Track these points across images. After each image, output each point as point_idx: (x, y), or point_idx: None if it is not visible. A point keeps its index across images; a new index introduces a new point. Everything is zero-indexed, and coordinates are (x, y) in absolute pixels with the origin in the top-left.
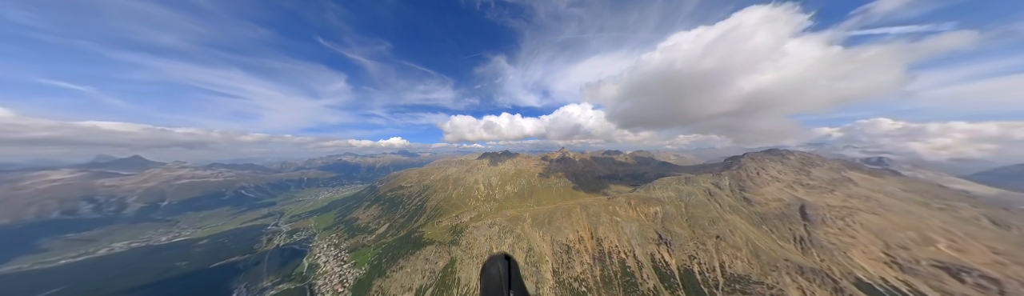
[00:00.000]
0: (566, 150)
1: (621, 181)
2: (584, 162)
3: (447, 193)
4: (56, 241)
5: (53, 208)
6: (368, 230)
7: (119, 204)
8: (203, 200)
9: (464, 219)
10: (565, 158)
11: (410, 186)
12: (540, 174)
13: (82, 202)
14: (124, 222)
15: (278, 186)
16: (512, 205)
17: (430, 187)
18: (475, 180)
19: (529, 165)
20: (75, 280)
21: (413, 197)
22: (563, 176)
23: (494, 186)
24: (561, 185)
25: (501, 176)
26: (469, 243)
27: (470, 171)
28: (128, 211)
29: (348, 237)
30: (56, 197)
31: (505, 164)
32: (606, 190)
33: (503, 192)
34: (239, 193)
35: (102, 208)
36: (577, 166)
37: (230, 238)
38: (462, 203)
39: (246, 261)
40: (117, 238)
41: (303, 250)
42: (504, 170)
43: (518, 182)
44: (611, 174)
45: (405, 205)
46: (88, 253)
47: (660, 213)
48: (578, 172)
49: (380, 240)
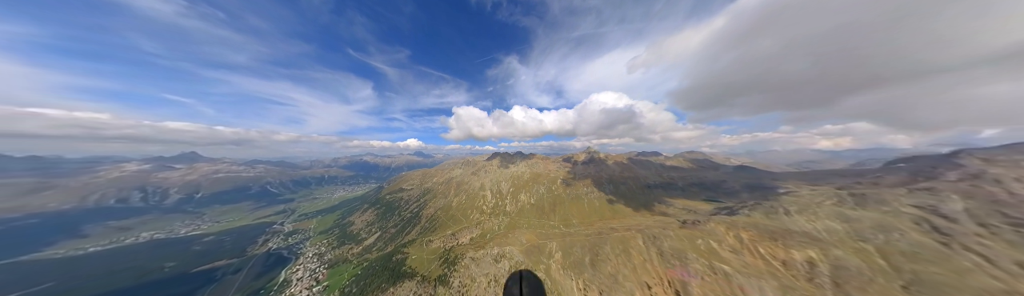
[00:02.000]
0: (593, 149)
1: (682, 192)
2: (620, 166)
3: (447, 200)
4: (98, 227)
5: (111, 196)
6: (357, 239)
7: (163, 195)
8: (231, 194)
9: (462, 240)
10: (594, 160)
11: (411, 189)
12: (563, 180)
13: (135, 192)
14: (160, 212)
15: (301, 183)
16: (528, 222)
17: (431, 191)
18: (481, 185)
19: (548, 168)
20: (68, 276)
21: (411, 202)
22: (592, 183)
23: (504, 194)
24: (593, 196)
25: (513, 181)
26: (463, 284)
27: (476, 174)
28: (168, 202)
29: (337, 245)
30: (116, 186)
31: (518, 166)
32: (663, 205)
33: (516, 203)
34: (264, 188)
35: (148, 198)
36: (611, 170)
37: (234, 236)
38: (462, 215)
39: (227, 268)
40: (148, 228)
41: (289, 257)
42: (517, 173)
43: (535, 190)
44: (665, 182)
45: (401, 211)
46: (115, 242)
47: (822, 263)
48: (615, 178)
49: (364, 255)
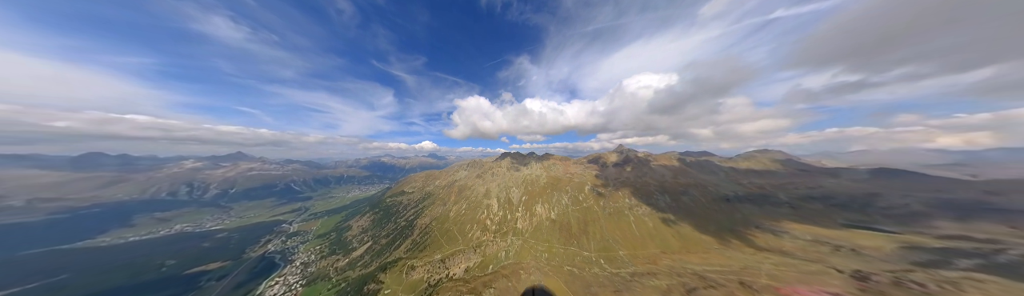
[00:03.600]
0: (625, 147)
1: (793, 211)
2: (672, 169)
3: (445, 208)
4: (145, 218)
5: (164, 190)
6: (347, 248)
7: (204, 190)
8: (259, 190)
9: (453, 270)
10: (631, 161)
11: (412, 192)
12: (593, 188)
13: (183, 186)
14: (198, 205)
15: (322, 181)
16: (548, 249)
17: (432, 195)
18: (486, 191)
19: (569, 171)
20: (86, 267)
21: (409, 208)
22: (634, 193)
23: (514, 204)
24: (641, 212)
25: (527, 187)
26: None
27: (481, 177)
28: (207, 196)
29: (326, 254)
30: (171, 181)
31: (532, 168)
32: (765, 232)
33: (529, 217)
34: (288, 186)
35: (193, 192)
36: (659, 175)
37: (243, 233)
38: (459, 231)
39: (216, 272)
40: (183, 220)
41: (279, 264)
42: (531, 177)
43: (555, 200)
44: (754, 193)
45: (397, 218)
46: (152, 233)
47: None
48: (669, 187)
49: (345, 272)
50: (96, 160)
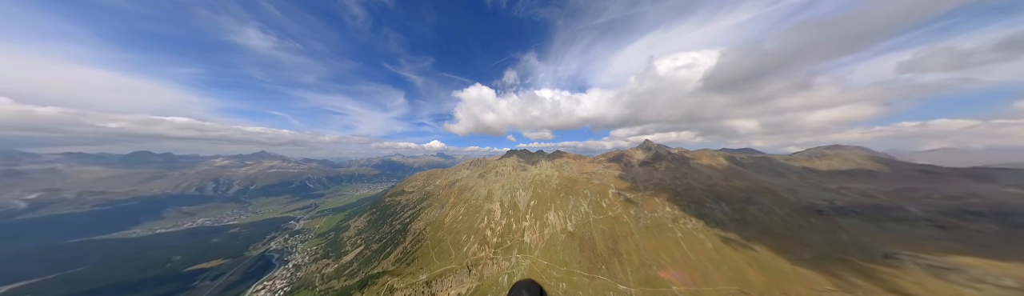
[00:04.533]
0: (653, 143)
1: (944, 234)
2: (720, 170)
3: (442, 212)
4: (173, 212)
5: (194, 186)
6: (339, 251)
7: (228, 186)
8: (276, 187)
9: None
10: (663, 158)
11: (412, 192)
12: (619, 192)
13: (210, 182)
14: (221, 201)
15: (334, 179)
16: (566, 275)
17: (431, 196)
18: (487, 194)
19: (585, 170)
20: (105, 259)
21: (406, 209)
22: (672, 199)
23: (521, 210)
24: (691, 227)
25: (536, 189)
26: None
27: (483, 176)
28: (230, 192)
29: (319, 257)
30: (200, 178)
31: (541, 167)
32: (925, 264)
33: (540, 227)
34: (303, 183)
35: (218, 188)
36: (703, 177)
37: (252, 229)
38: (453, 242)
39: (214, 271)
40: (206, 214)
41: (275, 264)
42: (540, 178)
43: (572, 207)
44: (869, 204)
45: (392, 220)
46: (176, 226)
47: None
48: (722, 192)
49: (330, 281)
50: (143, 158)
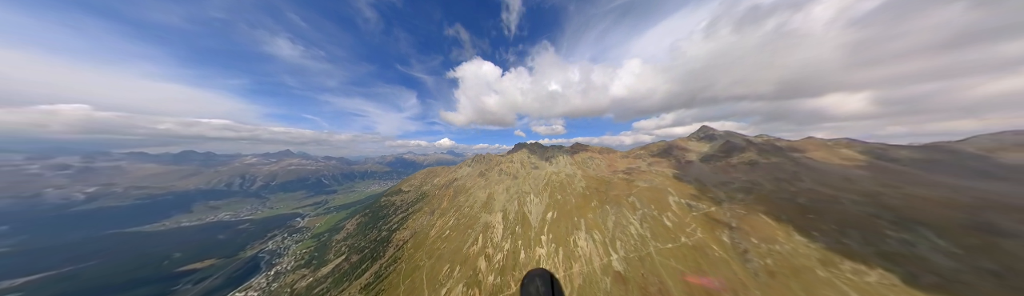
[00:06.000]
0: (716, 129)
1: None
2: (872, 171)
3: (430, 220)
4: (201, 206)
5: (223, 181)
6: (322, 259)
7: (252, 182)
8: (294, 183)
9: None
10: (743, 147)
11: (408, 191)
12: (689, 203)
13: (237, 178)
14: (243, 196)
15: (348, 176)
16: None
17: (426, 196)
18: (486, 199)
19: (618, 167)
20: (116, 254)
21: (398, 212)
22: (785, 217)
23: (532, 227)
24: (874, 281)
25: (553, 194)
26: None
27: (485, 175)
28: (253, 188)
29: (302, 264)
30: (230, 174)
31: (558, 164)
32: None
33: (567, 265)
34: (319, 180)
35: (243, 184)
36: (838, 180)
37: (259, 226)
38: (430, 278)
39: (201, 272)
40: (227, 208)
41: (261, 268)
42: (558, 179)
43: (617, 229)
44: None
45: (381, 225)
46: (199, 219)
47: None
48: (902, 208)
49: None
50: (189, 156)
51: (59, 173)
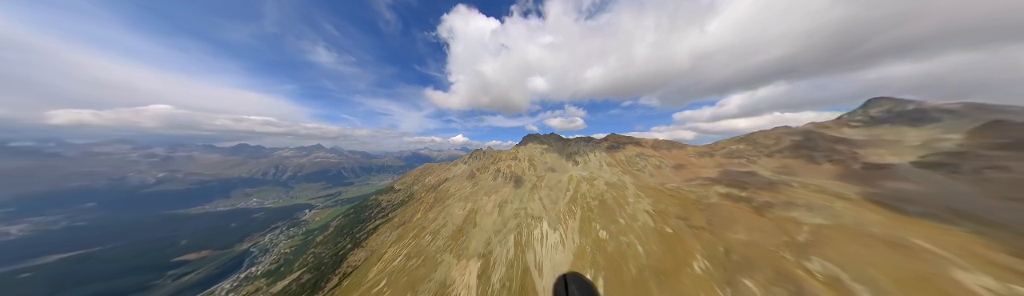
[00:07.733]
0: (899, 100)
1: None
2: None
3: (385, 245)
4: (237, 192)
5: (260, 171)
6: (289, 267)
7: (283, 172)
8: (316, 174)
9: None
10: None
11: (399, 190)
12: None
13: (272, 169)
14: (273, 185)
15: (366, 169)
16: None
17: (412, 198)
18: (461, 224)
19: (706, 170)
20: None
21: (376, 217)
22: None
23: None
24: None
25: (590, 221)
26: None
27: (474, 178)
28: (283, 177)
29: (270, 270)
30: (267, 164)
31: (589, 166)
32: None
33: None
34: (339, 172)
35: (276, 174)
36: None
37: (268, 215)
38: None
39: (188, 266)
40: (258, 196)
41: (243, 265)
42: (600, 195)
43: None
44: None
45: (353, 232)
46: (230, 205)
47: None
48: None
49: None
50: (242, 149)
51: (148, 160)
